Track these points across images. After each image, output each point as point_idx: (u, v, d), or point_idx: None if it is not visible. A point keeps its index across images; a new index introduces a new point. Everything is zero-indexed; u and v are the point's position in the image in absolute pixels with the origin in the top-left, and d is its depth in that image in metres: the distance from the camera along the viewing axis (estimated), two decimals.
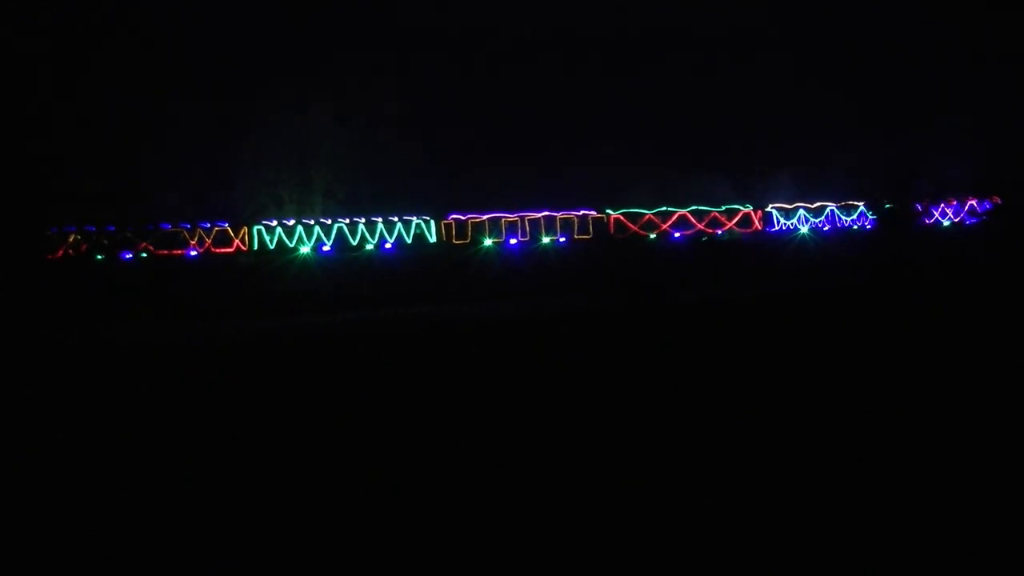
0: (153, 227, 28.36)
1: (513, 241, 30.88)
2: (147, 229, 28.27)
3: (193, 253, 28.50)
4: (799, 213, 34.29)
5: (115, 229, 27.97)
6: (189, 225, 28.58)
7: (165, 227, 28.49)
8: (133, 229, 28.08)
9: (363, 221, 29.84)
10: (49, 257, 27.45)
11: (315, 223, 29.60)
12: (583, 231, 31.71)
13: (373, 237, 29.81)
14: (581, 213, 31.74)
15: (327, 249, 29.42)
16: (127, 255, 28.01)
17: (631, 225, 32.22)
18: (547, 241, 31.21)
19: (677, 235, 32.54)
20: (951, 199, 36.17)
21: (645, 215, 32.43)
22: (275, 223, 29.35)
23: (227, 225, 28.92)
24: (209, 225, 28.76)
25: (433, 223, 30.36)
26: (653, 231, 32.39)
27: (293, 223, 29.47)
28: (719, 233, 33.03)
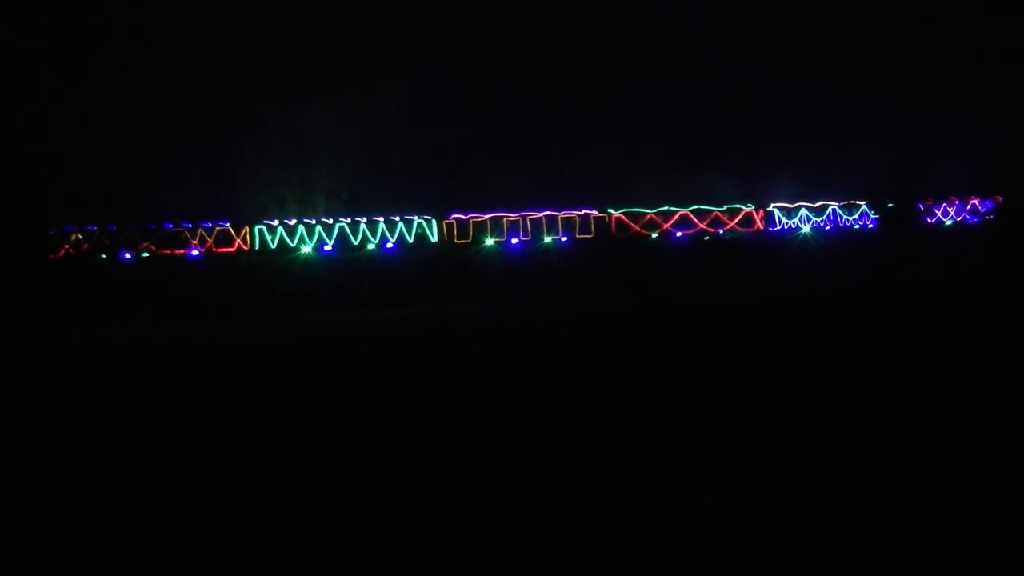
0: (154, 227, 28.37)
1: (515, 241, 30.87)
2: (148, 229, 28.29)
3: (195, 253, 28.51)
4: (801, 212, 34.25)
5: (116, 229, 27.97)
6: (190, 225, 28.58)
7: (167, 227, 28.49)
8: (134, 228, 28.09)
9: (364, 221, 29.82)
10: (50, 257, 27.46)
11: (316, 223, 29.59)
12: (585, 231, 31.69)
13: (374, 237, 29.80)
14: (583, 213, 31.72)
15: (328, 249, 29.42)
16: (128, 255, 28.02)
17: (633, 225, 32.21)
18: (549, 241, 31.20)
19: (679, 234, 32.52)
20: (953, 198, 36.11)
21: (647, 214, 32.41)
22: (276, 223, 29.35)
23: (228, 225, 28.93)
24: (210, 225, 28.76)
25: (435, 223, 30.34)
26: (655, 230, 32.38)
27: (294, 223, 29.47)
28: (721, 233, 33.00)
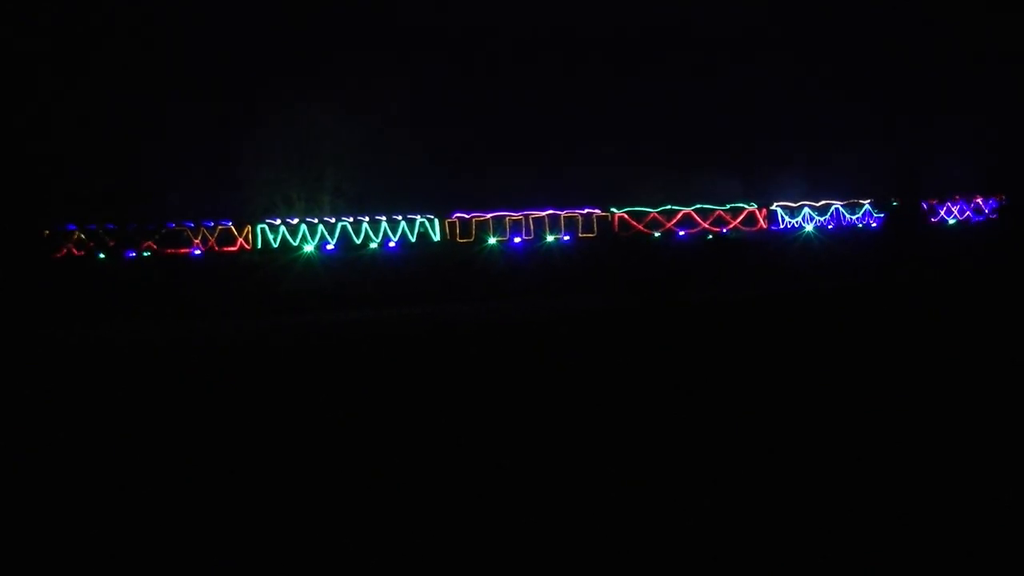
0: (156, 226, 28.37)
1: (517, 240, 30.85)
2: (150, 228, 28.29)
3: (196, 252, 28.53)
4: (804, 211, 34.19)
5: (117, 228, 27.99)
6: (192, 224, 28.60)
7: (169, 226, 28.50)
8: (135, 228, 28.10)
9: (367, 220, 29.82)
10: (51, 256, 27.48)
11: (319, 222, 29.59)
12: (587, 230, 31.66)
13: (377, 236, 29.80)
14: (586, 211, 31.69)
15: (331, 248, 29.43)
16: (130, 254, 28.04)
17: (635, 224, 32.18)
18: (551, 240, 31.18)
19: (681, 233, 32.49)
20: (957, 197, 36.02)
21: (650, 213, 32.38)
22: (278, 222, 29.36)
23: (230, 224, 28.95)
24: (213, 224, 28.78)
25: (437, 222, 30.33)
26: (658, 229, 32.35)
27: (297, 222, 29.47)
28: (724, 232, 32.96)
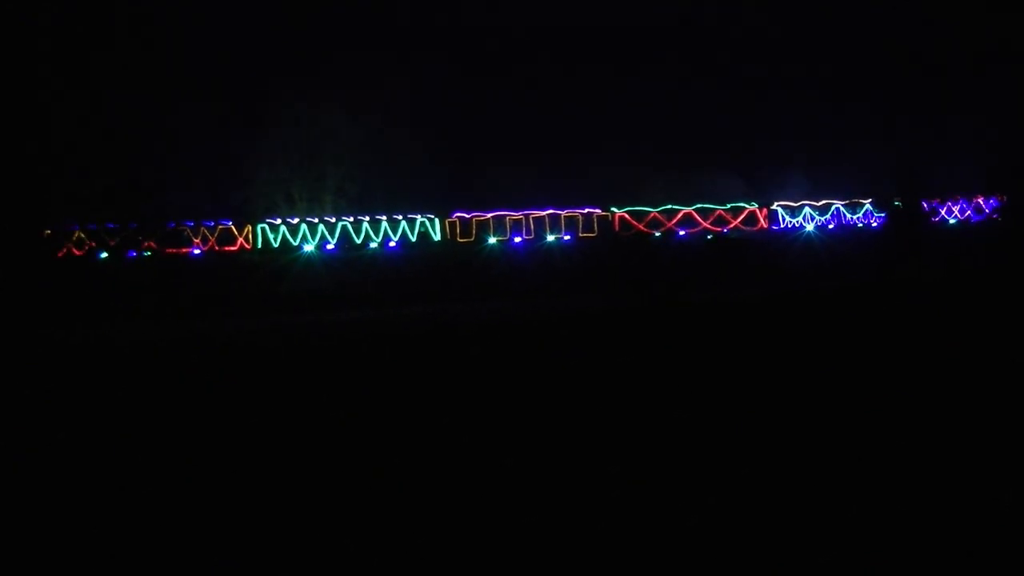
0: (157, 225, 28.38)
1: (518, 239, 30.85)
2: (150, 227, 28.30)
3: (197, 251, 28.53)
4: (804, 211, 34.18)
5: (118, 227, 28.00)
6: (193, 223, 28.61)
7: (169, 225, 28.51)
8: (136, 227, 28.12)
9: (367, 219, 29.82)
10: (52, 255, 27.49)
11: (319, 221, 29.60)
12: (588, 229, 31.67)
13: (377, 236, 29.80)
14: (586, 211, 31.69)
15: (331, 247, 29.42)
16: (131, 253, 28.05)
17: (636, 223, 32.18)
18: (552, 239, 31.18)
19: (682, 233, 32.48)
20: (957, 197, 36.01)
21: (650, 213, 32.37)
22: (279, 221, 29.36)
23: (231, 223, 28.95)
24: (213, 223, 28.78)
25: (437, 221, 30.34)
26: (658, 229, 32.34)
27: (297, 221, 29.48)
28: (725, 231, 32.95)
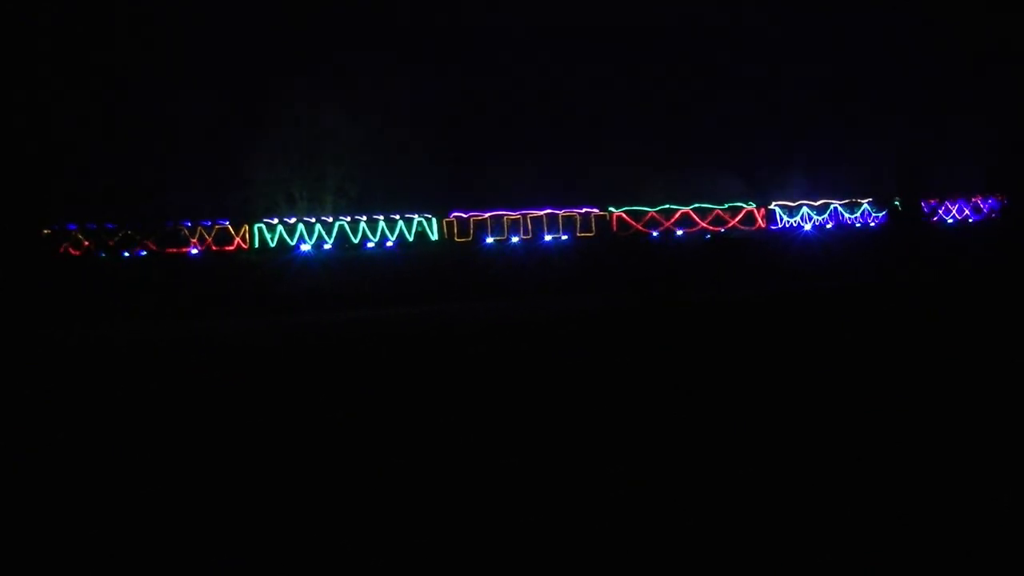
0: (154, 225, 28.34)
1: (515, 239, 30.84)
2: (148, 227, 28.26)
3: (194, 251, 28.49)
4: (802, 211, 34.19)
5: (116, 227, 27.96)
6: (190, 223, 28.56)
7: (167, 225, 28.47)
8: (133, 227, 28.08)
9: (364, 219, 29.79)
10: (51, 255, 27.44)
11: (316, 221, 29.56)
12: (586, 229, 31.65)
13: (375, 235, 29.76)
14: (584, 211, 31.68)
15: (328, 247, 29.39)
16: (128, 253, 28.01)
17: (634, 223, 32.17)
18: (550, 239, 31.17)
19: (680, 233, 32.48)
20: (956, 197, 36.03)
21: (648, 213, 32.36)
22: (276, 221, 29.32)
23: (228, 223, 28.91)
24: (210, 223, 28.74)
25: (435, 221, 30.31)
26: (656, 229, 32.33)
27: (294, 221, 29.44)
28: (723, 231, 32.94)
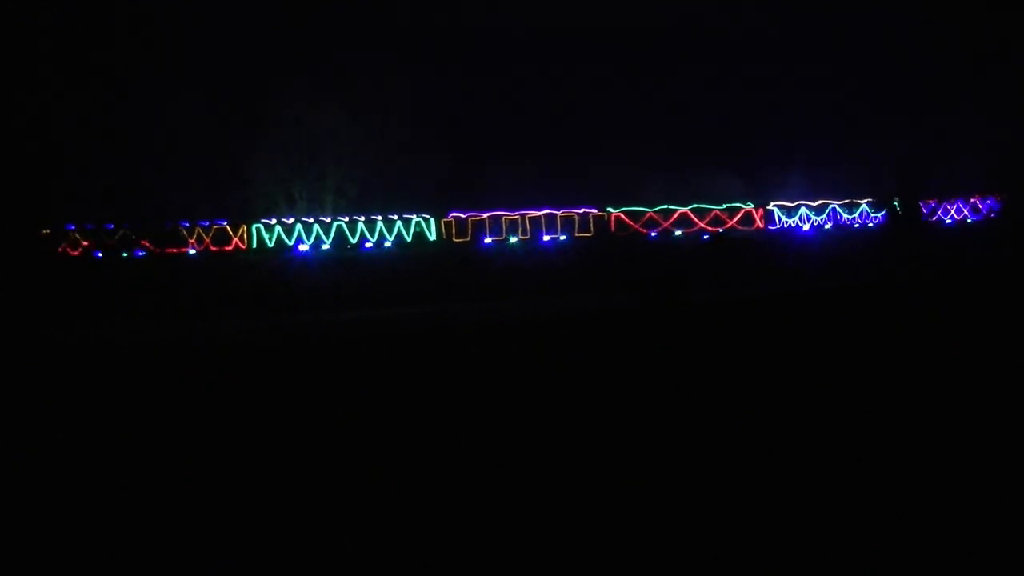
0: (152, 225, 28.34)
1: (514, 239, 30.83)
2: (147, 227, 28.26)
3: (192, 251, 28.47)
4: (801, 211, 34.20)
5: (114, 227, 27.96)
6: (188, 223, 28.55)
7: (165, 225, 28.47)
8: (132, 227, 28.08)
9: (363, 219, 29.77)
10: (50, 255, 27.44)
11: (314, 221, 29.55)
12: (584, 229, 31.66)
13: (373, 235, 29.75)
14: (582, 211, 31.69)
15: (326, 248, 29.37)
16: (126, 253, 27.99)
17: (632, 223, 32.17)
18: (548, 239, 31.16)
19: (678, 233, 32.48)
20: (956, 197, 36.05)
21: (646, 213, 32.37)
22: (274, 221, 29.31)
23: (226, 223, 28.90)
24: (208, 223, 28.73)
25: (433, 221, 30.30)
26: (655, 229, 32.34)
27: (292, 221, 29.43)
28: (721, 231, 32.95)
